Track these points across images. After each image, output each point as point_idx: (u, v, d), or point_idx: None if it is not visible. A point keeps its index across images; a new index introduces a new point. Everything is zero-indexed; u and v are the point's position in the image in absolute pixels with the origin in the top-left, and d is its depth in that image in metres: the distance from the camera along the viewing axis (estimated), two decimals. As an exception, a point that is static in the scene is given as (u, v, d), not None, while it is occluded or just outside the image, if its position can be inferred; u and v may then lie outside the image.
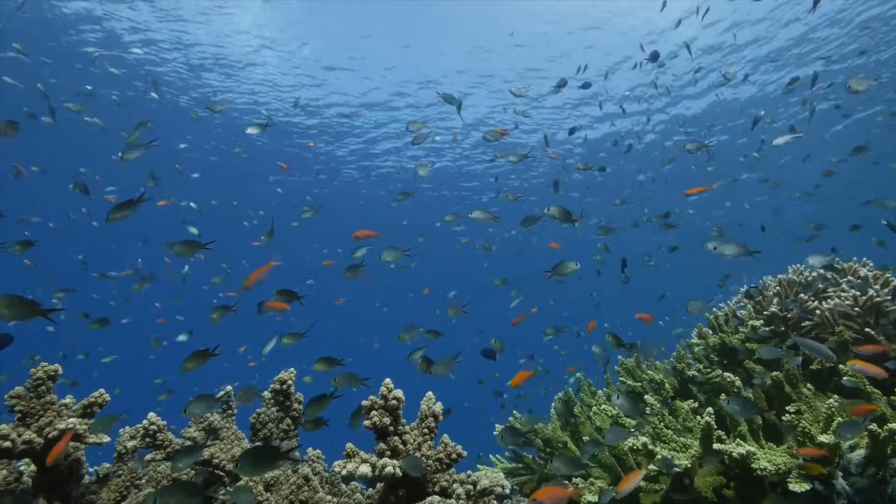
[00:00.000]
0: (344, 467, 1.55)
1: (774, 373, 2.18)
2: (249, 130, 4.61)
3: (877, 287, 2.41)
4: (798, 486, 1.63)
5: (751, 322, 2.59)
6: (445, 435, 1.68)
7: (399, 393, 1.68)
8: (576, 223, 2.85)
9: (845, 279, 2.59)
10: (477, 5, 10.33)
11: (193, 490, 1.33)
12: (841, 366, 2.02)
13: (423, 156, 15.61)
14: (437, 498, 1.51)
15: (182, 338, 4.92)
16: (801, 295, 2.65)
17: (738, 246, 2.42)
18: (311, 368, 2.28)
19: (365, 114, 12.57)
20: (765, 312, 2.71)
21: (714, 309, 2.96)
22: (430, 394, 1.78)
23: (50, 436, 1.59)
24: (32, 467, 1.79)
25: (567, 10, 10.25)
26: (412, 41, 11.14)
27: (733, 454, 1.71)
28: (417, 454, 1.60)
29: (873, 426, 1.64)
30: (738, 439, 1.83)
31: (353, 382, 2.08)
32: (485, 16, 10.55)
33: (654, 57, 5.57)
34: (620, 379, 2.83)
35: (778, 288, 2.83)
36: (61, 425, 1.60)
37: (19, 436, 1.56)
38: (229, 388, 2.12)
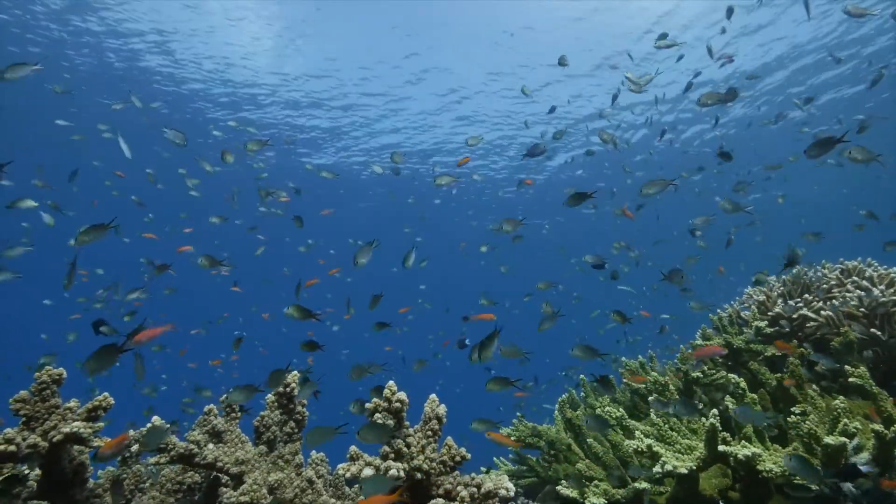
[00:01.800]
0: (348, 470, 1.55)
1: (779, 374, 2.17)
2: (250, 147, 4.54)
3: (882, 287, 2.40)
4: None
5: (755, 323, 2.58)
6: (449, 437, 1.68)
7: (403, 395, 1.68)
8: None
9: (850, 280, 2.58)
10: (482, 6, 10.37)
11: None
12: (846, 367, 2.01)
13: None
14: (441, 501, 1.51)
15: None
16: (806, 295, 2.64)
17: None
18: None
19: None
20: (769, 313, 2.70)
21: (718, 310, 2.95)
22: (433, 396, 1.78)
23: (54, 439, 1.59)
24: (37, 471, 1.79)
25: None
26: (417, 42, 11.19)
27: (739, 456, 1.70)
28: (421, 457, 1.60)
29: (879, 427, 1.63)
30: (743, 441, 1.82)
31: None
32: (486, 14, 10.58)
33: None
34: (624, 381, 2.83)
35: (782, 289, 2.82)
36: (66, 429, 1.61)
37: (24, 439, 1.56)
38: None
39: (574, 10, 10.20)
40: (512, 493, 1.57)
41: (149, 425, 1.79)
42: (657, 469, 1.78)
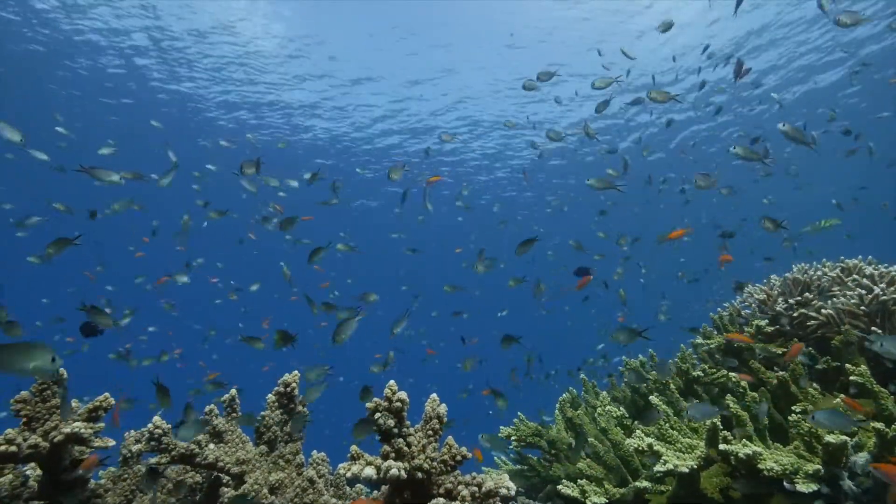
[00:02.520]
0: (349, 469, 1.55)
1: (780, 372, 2.17)
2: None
3: (882, 285, 2.40)
4: (805, 487, 1.63)
5: (755, 322, 2.58)
6: (450, 436, 1.68)
7: (403, 395, 1.68)
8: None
9: (851, 278, 2.58)
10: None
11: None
12: (847, 365, 2.01)
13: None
14: (441, 500, 1.51)
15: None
16: (806, 294, 2.64)
17: None
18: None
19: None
20: (769, 312, 2.70)
21: (719, 309, 2.95)
22: (434, 395, 1.78)
23: (55, 440, 1.59)
24: (38, 472, 1.80)
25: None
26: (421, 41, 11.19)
27: (739, 455, 1.70)
28: (422, 456, 1.60)
29: (880, 425, 1.63)
30: (744, 440, 1.82)
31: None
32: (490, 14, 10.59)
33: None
34: (625, 379, 2.83)
35: (783, 287, 2.82)
36: (66, 429, 1.61)
37: (25, 440, 1.56)
38: (234, 391, 2.12)
39: (573, 8, 10.21)
40: (513, 493, 1.57)
41: (150, 424, 1.79)
42: (658, 468, 1.78)
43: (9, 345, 1.24)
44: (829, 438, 1.66)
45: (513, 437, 2.58)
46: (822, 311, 2.47)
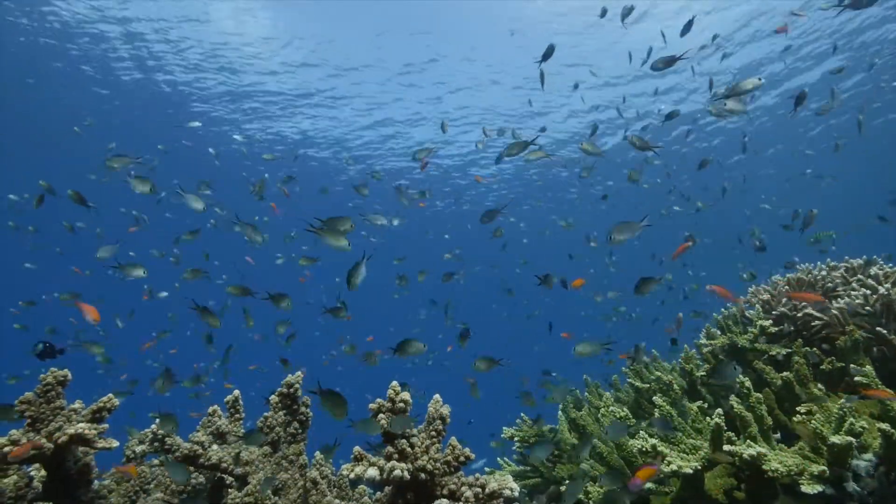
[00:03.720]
0: (352, 471, 1.55)
1: (784, 373, 2.17)
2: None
3: (887, 285, 2.39)
4: (810, 488, 1.62)
5: (759, 322, 2.57)
6: (453, 437, 1.68)
7: (406, 395, 1.68)
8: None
9: (855, 278, 2.57)
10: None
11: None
12: (852, 365, 2.00)
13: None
14: (445, 501, 1.51)
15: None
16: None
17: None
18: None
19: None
20: (773, 312, 2.69)
21: (722, 309, 2.94)
22: (437, 396, 1.78)
23: (59, 441, 1.59)
24: (42, 472, 1.80)
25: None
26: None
27: (744, 455, 1.70)
28: (425, 457, 1.60)
29: (886, 426, 1.63)
30: (748, 440, 1.81)
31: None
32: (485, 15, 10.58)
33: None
34: (628, 380, 2.82)
35: (787, 287, 2.81)
36: (71, 430, 1.61)
37: (29, 441, 1.57)
38: (236, 391, 2.12)
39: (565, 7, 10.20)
40: (516, 494, 1.56)
41: (153, 425, 1.79)
42: (662, 469, 1.77)
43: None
44: (834, 439, 1.65)
45: (516, 438, 2.58)
46: (826, 311, 2.46)
